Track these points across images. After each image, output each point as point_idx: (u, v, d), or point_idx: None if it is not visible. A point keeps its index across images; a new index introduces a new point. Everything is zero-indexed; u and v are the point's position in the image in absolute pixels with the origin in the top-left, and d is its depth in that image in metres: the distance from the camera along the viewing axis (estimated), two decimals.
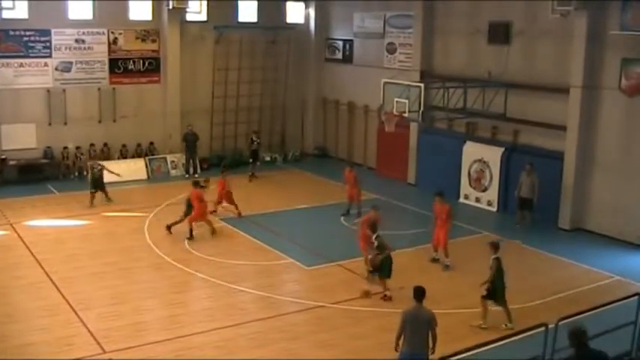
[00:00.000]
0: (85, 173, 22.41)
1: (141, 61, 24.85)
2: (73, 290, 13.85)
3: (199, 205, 17.30)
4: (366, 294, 13.58)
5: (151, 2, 24.66)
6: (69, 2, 23.28)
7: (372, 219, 14.68)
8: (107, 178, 23.15)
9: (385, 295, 13.62)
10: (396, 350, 9.62)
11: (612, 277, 15.17)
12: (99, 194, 20.28)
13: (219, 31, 25.80)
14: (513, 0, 20.09)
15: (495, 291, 12.33)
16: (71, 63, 23.54)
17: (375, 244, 13.91)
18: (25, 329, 12.11)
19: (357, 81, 26.27)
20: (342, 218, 19.12)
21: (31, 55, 22.87)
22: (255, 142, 24.36)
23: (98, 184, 20.33)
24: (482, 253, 16.89)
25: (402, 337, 9.50)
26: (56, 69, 23.34)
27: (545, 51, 19.50)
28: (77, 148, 23.60)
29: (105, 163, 21.22)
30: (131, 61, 24.64)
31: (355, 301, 13.45)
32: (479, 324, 12.37)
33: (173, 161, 24.80)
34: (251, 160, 24.41)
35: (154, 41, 24.98)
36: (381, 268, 13.74)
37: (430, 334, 9.45)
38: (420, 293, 9.60)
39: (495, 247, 12.48)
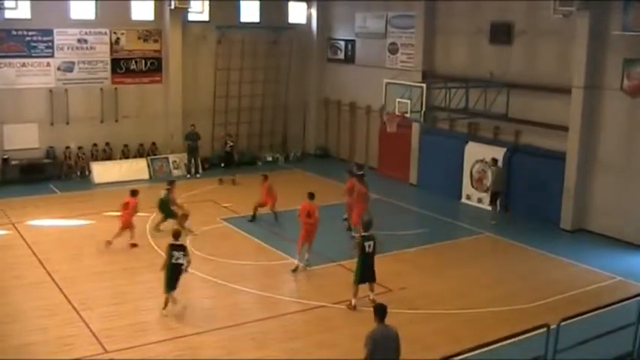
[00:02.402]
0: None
1: (143, 61, 24.86)
2: (74, 290, 13.86)
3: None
4: (352, 306, 13.14)
5: (153, 2, 24.68)
6: (71, 2, 23.30)
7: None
8: (109, 177, 23.18)
9: (350, 303, 13.17)
10: None
11: (614, 278, 15.15)
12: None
13: (221, 31, 25.81)
14: (515, 0, 20.09)
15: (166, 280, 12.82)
16: (73, 63, 23.56)
17: (356, 240, 13.69)
18: (26, 329, 12.11)
19: (359, 81, 26.25)
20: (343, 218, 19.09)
21: (34, 55, 22.89)
22: (229, 145, 24.03)
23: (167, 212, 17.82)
24: (483, 253, 17.05)
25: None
26: (58, 69, 23.36)
27: (547, 51, 19.47)
28: (79, 148, 23.65)
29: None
30: (133, 61, 24.66)
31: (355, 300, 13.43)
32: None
33: (175, 161, 24.81)
34: (223, 165, 24.07)
35: (156, 41, 25.00)
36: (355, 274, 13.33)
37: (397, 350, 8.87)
38: (383, 312, 8.93)
39: (176, 235, 13.03)
